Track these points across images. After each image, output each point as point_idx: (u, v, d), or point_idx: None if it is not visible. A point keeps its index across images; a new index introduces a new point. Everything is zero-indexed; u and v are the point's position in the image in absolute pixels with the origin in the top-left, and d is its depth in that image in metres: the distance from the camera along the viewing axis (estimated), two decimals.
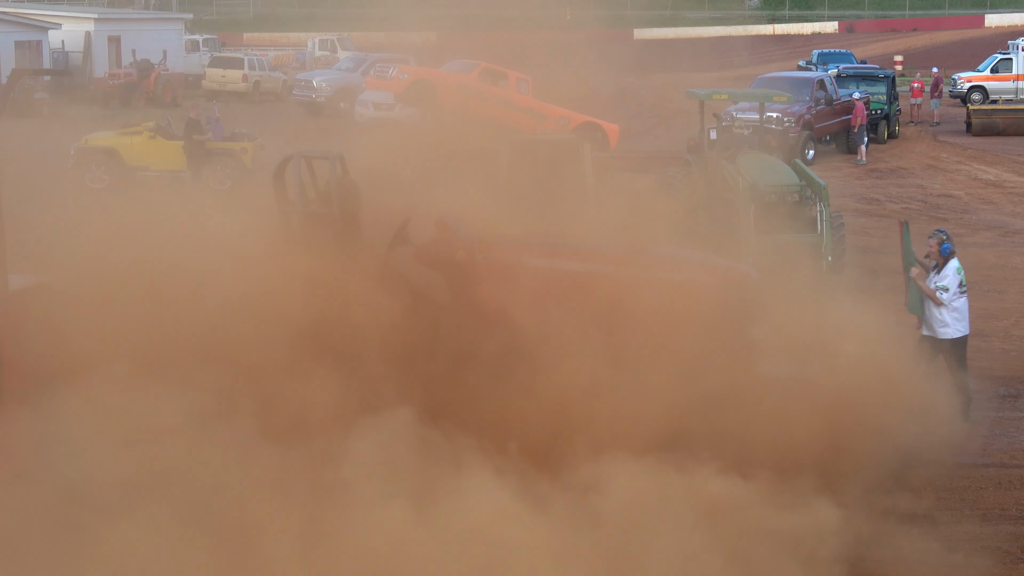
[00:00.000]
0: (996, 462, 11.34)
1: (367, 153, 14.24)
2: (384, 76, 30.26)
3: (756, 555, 8.44)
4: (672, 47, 73.30)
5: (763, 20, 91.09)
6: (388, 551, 8.13)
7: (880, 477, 9.97)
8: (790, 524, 8.75)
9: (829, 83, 35.33)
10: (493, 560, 8.13)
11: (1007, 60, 48.61)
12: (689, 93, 21.48)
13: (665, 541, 8.33)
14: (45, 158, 30.15)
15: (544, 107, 29.12)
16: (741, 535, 8.53)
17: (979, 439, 11.82)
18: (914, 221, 24.48)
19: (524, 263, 9.89)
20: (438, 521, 8.39)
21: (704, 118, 20.23)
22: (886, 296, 15.03)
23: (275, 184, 9.99)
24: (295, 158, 9.85)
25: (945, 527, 9.72)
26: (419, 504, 8.51)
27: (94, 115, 40.62)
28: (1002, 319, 16.40)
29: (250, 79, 50.43)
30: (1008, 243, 22.15)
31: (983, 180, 30.64)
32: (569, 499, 8.71)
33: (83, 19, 55.18)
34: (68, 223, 11.16)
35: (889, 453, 10.11)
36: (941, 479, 10.69)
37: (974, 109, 42.10)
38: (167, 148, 26.50)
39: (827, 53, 53.69)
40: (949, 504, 10.29)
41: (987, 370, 13.94)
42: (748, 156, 18.52)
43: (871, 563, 9.03)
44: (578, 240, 10.56)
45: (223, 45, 62.08)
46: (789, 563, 8.46)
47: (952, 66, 56.36)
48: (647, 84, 54.00)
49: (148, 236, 10.12)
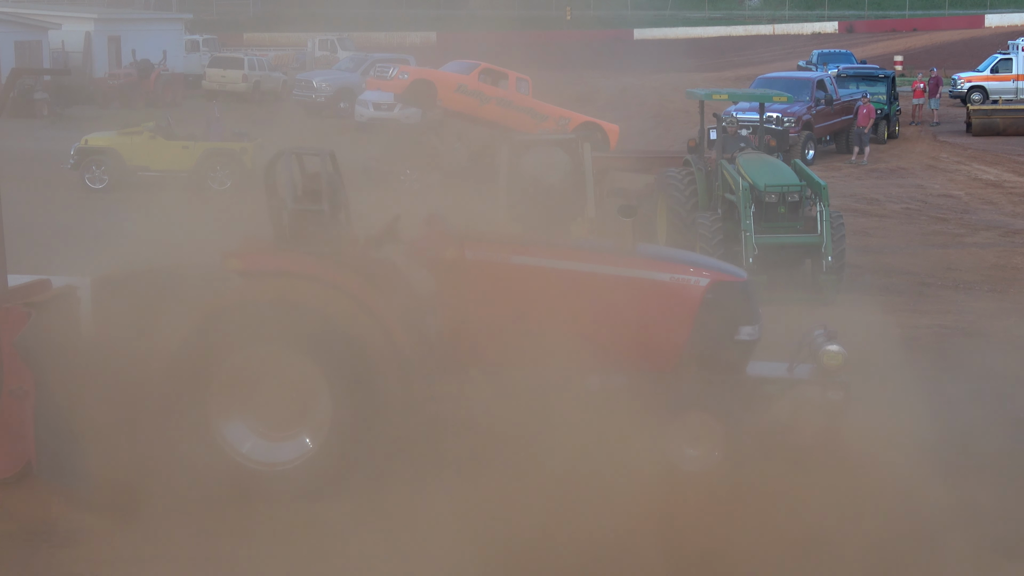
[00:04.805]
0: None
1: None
2: (384, 76, 30.26)
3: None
4: (672, 47, 73.33)
5: (763, 20, 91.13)
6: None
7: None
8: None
9: (829, 83, 35.35)
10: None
11: (1007, 60, 48.62)
12: (689, 93, 21.47)
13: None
14: (45, 158, 30.23)
15: (544, 107, 29.14)
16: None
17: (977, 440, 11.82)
18: (914, 221, 24.56)
19: (514, 261, 9.91)
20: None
21: (704, 118, 20.22)
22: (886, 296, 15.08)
23: (266, 180, 10.03)
24: (285, 154, 9.88)
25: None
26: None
27: (94, 115, 40.61)
28: (1002, 319, 16.40)
29: (250, 79, 50.41)
30: (1008, 243, 22.15)
31: (983, 180, 30.65)
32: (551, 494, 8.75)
33: (83, 19, 55.19)
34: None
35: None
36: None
37: (974, 109, 42.11)
38: (167, 148, 26.50)
39: (827, 53, 53.70)
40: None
41: (988, 370, 13.94)
42: (748, 156, 18.51)
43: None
44: (568, 238, 10.57)
45: (223, 45, 62.09)
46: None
47: (952, 66, 56.39)
48: (647, 84, 54.07)
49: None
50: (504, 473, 9.12)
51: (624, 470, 9.15)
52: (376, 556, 8.48)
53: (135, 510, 8.91)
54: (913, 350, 13.84)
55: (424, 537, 8.67)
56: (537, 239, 10.24)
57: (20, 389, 9.24)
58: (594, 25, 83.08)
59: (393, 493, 9.26)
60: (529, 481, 8.96)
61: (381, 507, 9.12)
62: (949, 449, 10.46)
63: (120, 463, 9.23)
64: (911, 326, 15.54)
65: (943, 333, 15.35)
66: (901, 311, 16.29)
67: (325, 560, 8.49)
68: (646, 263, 10.09)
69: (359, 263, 9.92)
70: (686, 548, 8.42)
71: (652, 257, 10.41)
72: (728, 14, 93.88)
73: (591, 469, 9.03)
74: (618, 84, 54.30)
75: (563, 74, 45.52)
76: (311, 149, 10.12)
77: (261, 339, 9.34)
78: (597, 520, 8.59)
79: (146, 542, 8.64)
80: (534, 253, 9.98)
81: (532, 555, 8.33)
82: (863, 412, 10.28)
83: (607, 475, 9.04)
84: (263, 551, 8.53)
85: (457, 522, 8.69)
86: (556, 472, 9.00)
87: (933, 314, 16.58)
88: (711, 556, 8.41)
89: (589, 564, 8.33)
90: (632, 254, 10.09)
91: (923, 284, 18.53)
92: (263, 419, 9.50)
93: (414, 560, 8.45)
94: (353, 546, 8.62)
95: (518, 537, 8.44)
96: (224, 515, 8.88)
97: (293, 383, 9.48)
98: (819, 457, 9.82)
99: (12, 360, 9.19)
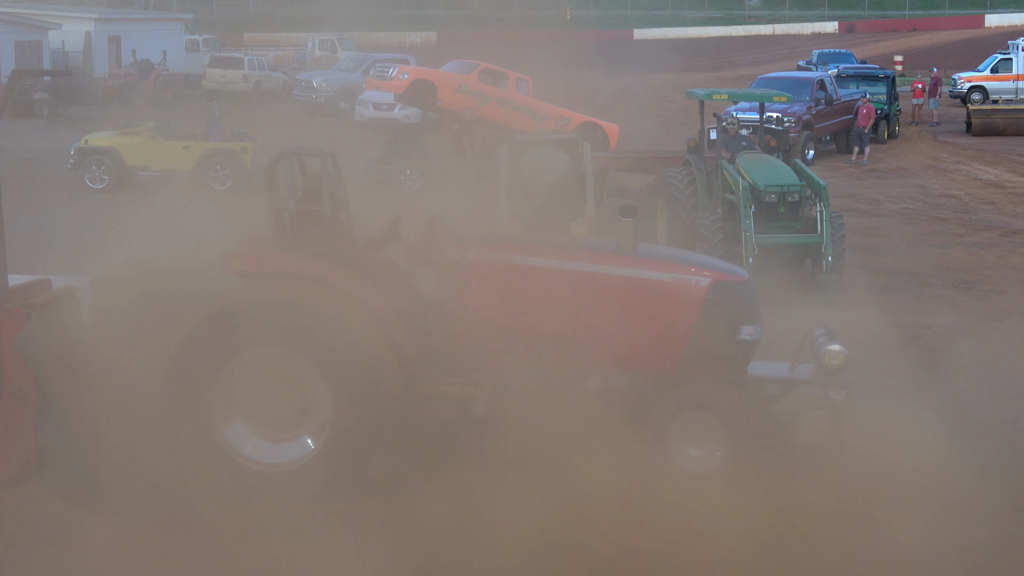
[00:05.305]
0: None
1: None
2: (384, 76, 30.25)
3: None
4: (672, 47, 73.30)
5: (763, 20, 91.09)
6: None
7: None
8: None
9: (829, 83, 35.34)
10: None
11: (1007, 60, 48.61)
12: (689, 93, 21.46)
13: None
14: (45, 158, 30.23)
15: (544, 107, 29.13)
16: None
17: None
18: (914, 221, 24.55)
19: (515, 262, 9.91)
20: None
21: (704, 118, 20.22)
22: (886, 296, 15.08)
23: (266, 181, 10.02)
24: (286, 155, 9.88)
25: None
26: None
27: (94, 115, 40.60)
28: (1002, 319, 16.39)
29: (250, 79, 50.40)
30: (1008, 243, 22.15)
31: (983, 180, 30.64)
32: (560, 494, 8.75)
33: (83, 19, 55.13)
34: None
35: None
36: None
37: (974, 109, 42.10)
38: (167, 148, 26.51)
39: (827, 53, 53.69)
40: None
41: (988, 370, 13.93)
42: (748, 156, 18.50)
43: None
44: (569, 239, 10.57)
45: (223, 45, 62.06)
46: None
47: (952, 66, 56.37)
48: (647, 84, 54.04)
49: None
50: (506, 474, 9.13)
51: (625, 470, 9.16)
52: (377, 557, 8.49)
53: (135, 510, 8.92)
54: (913, 350, 13.85)
55: (426, 538, 8.68)
56: (538, 240, 10.24)
57: (21, 390, 9.24)
58: (594, 25, 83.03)
59: (394, 495, 9.27)
60: (530, 481, 8.97)
61: (382, 508, 9.13)
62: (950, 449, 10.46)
63: (120, 463, 9.24)
64: (911, 326, 15.55)
65: (943, 333, 15.34)
66: (901, 311, 16.29)
67: (326, 561, 8.49)
68: (647, 263, 10.09)
69: (360, 264, 9.93)
70: (686, 548, 8.42)
71: (653, 257, 10.41)
72: (728, 14, 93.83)
73: (593, 469, 9.04)
74: (618, 84, 54.27)
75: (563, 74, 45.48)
76: (312, 150, 10.12)
77: (262, 340, 9.34)
78: (599, 521, 8.59)
79: (146, 542, 8.64)
80: (535, 254, 9.97)
81: (534, 556, 8.33)
82: (864, 412, 10.29)
83: (609, 476, 9.05)
84: (264, 552, 8.53)
85: (459, 523, 8.70)
86: (558, 472, 9.00)
87: (933, 314, 16.57)
88: (711, 556, 8.41)
89: (590, 564, 8.33)
90: (633, 254, 10.09)
91: (923, 284, 18.53)
92: (264, 420, 9.50)
93: (416, 561, 8.46)
94: (355, 547, 8.62)
95: (519, 538, 8.44)
96: (225, 516, 8.88)
97: (294, 384, 9.49)
98: (821, 457, 9.83)
99: (12, 362, 9.19)
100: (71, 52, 52.83)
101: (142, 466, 9.18)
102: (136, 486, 9.08)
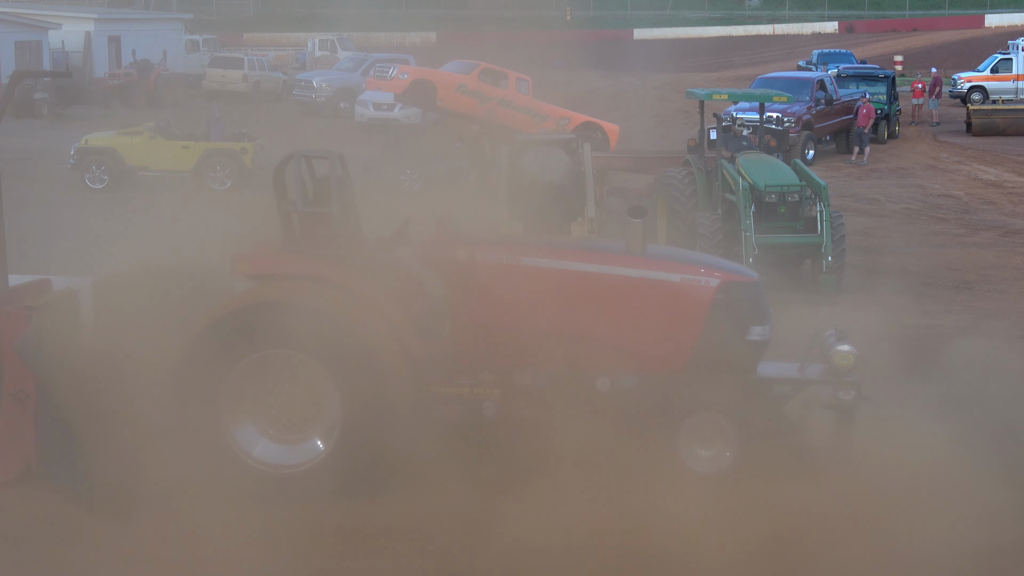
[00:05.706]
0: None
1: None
2: (384, 76, 30.26)
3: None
4: (672, 47, 73.30)
5: (763, 20, 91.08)
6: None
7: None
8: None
9: (829, 83, 35.35)
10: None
11: (1007, 60, 48.61)
12: (689, 93, 21.46)
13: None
14: (45, 158, 30.22)
15: (544, 107, 29.14)
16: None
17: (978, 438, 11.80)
18: (914, 221, 24.55)
19: (524, 263, 9.91)
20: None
21: (704, 118, 20.22)
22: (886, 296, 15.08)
23: (275, 183, 10.01)
24: (296, 157, 9.86)
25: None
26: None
27: (94, 115, 40.60)
28: (1002, 319, 16.39)
29: (250, 79, 50.40)
30: (1008, 243, 22.15)
31: (983, 180, 30.64)
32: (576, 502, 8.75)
33: (83, 19, 55.15)
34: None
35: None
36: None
37: (974, 109, 42.11)
38: (167, 148, 26.52)
39: (827, 53, 53.68)
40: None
41: (988, 370, 13.93)
42: (748, 156, 18.51)
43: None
44: (578, 239, 10.57)
45: (223, 45, 62.06)
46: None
47: (952, 66, 56.37)
48: (647, 84, 54.03)
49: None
50: (515, 475, 9.13)
51: (635, 471, 9.15)
52: (385, 559, 8.49)
53: (136, 510, 8.91)
54: (914, 350, 13.84)
55: (436, 539, 8.68)
56: (548, 241, 10.24)
57: (21, 392, 9.23)
58: (594, 25, 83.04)
59: (404, 496, 9.26)
60: (541, 483, 8.96)
61: (391, 510, 9.12)
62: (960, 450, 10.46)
63: (121, 464, 9.23)
64: (911, 326, 15.54)
65: (943, 333, 15.35)
66: (901, 311, 16.27)
67: (333, 562, 8.49)
68: (657, 264, 10.09)
69: (369, 266, 9.92)
70: (697, 549, 8.41)
71: (663, 258, 10.41)
72: (728, 14, 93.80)
73: (603, 470, 9.03)
74: (618, 84, 54.27)
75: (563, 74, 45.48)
76: (321, 152, 10.10)
77: (272, 342, 9.33)
78: (609, 521, 8.59)
79: (147, 542, 8.63)
80: (544, 255, 9.98)
81: (544, 556, 8.32)
82: (874, 412, 10.28)
83: (619, 477, 9.04)
84: (269, 553, 8.51)
85: (468, 524, 8.70)
86: (567, 473, 9.00)
87: (933, 314, 16.58)
88: (722, 557, 8.40)
89: (601, 565, 8.32)
90: (643, 255, 10.08)
91: (923, 284, 18.53)
92: (274, 422, 9.51)
93: (427, 562, 8.46)
94: (363, 549, 8.62)
95: (529, 539, 8.44)
96: (231, 517, 8.87)
97: (304, 386, 9.48)
98: (831, 457, 9.82)
99: (13, 363, 9.19)
100: (71, 52, 52.86)
101: (147, 467, 9.18)
102: (140, 487, 9.07)
